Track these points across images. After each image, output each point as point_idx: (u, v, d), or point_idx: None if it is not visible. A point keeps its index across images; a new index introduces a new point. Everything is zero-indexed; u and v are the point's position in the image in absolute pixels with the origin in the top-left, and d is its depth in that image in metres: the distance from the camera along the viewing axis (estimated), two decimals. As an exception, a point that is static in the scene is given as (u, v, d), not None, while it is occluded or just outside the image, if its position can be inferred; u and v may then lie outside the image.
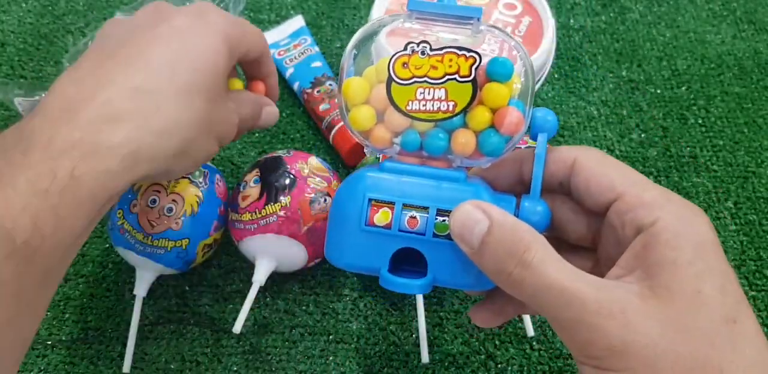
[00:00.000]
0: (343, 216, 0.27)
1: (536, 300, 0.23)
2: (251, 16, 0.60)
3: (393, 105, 0.27)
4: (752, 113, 0.54)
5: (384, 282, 0.26)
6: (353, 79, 0.28)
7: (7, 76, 0.55)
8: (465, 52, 0.26)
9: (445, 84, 0.27)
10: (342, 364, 0.41)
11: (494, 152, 0.27)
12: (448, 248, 0.26)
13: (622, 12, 0.61)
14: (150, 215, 0.39)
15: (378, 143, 0.28)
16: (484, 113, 0.27)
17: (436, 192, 0.27)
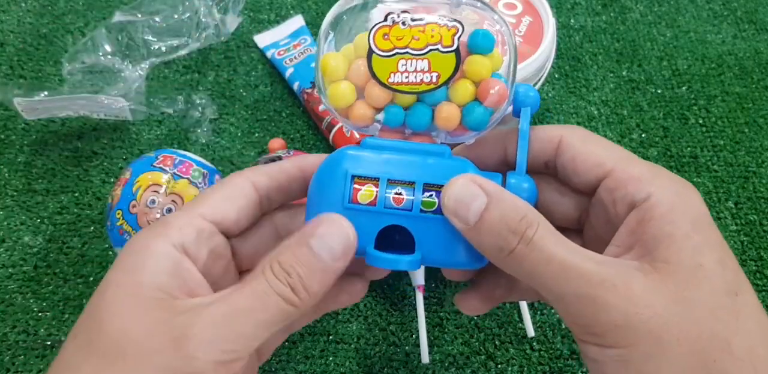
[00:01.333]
0: (324, 196, 0.25)
1: (536, 276, 0.22)
2: (251, 15, 0.60)
3: (374, 78, 0.26)
4: (753, 112, 0.54)
5: (370, 258, 0.25)
6: (330, 55, 0.27)
7: (7, 76, 0.55)
8: (447, 21, 0.25)
9: (428, 55, 0.26)
10: (342, 364, 0.41)
11: (479, 126, 0.26)
12: (436, 225, 0.25)
13: (622, 12, 0.61)
14: (149, 216, 0.39)
15: (359, 120, 0.27)
16: (467, 86, 0.26)
17: (421, 167, 0.25)
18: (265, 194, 0.27)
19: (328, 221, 0.24)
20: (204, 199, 0.26)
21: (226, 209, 0.26)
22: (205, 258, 0.25)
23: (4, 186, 0.49)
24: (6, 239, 0.46)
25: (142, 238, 0.24)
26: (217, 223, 0.25)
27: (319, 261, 0.23)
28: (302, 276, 0.23)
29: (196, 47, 0.56)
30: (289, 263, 0.23)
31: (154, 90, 0.54)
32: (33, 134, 0.52)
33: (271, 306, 0.23)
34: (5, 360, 0.41)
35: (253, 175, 0.27)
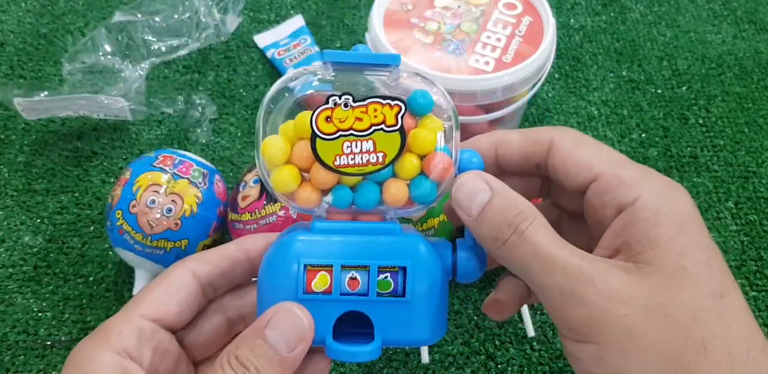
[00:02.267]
0: (276, 286, 0.25)
1: (524, 267, 0.23)
2: (251, 15, 0.60)
3: (320, 162, 0.25)
4: (753, 112, 0.54)
5: (330, 352, 0.25)
6: (271, 139, 0.26)
7: (7, 76, 0.55)
8: (389, 100, 0.25)
9: (372, 135, 0.25)
10: (342, 364, 0.41)
11: (426, 200, 0.26)
12: (394, 307, 0.25)
13: (622, 12, 0.61)
14: (149, 216, 0.39)
15: (305, 203, 0.26)
16: (412, 161, 0.26)
17: (374, 248, 0.25)
18: (207, 281, 0.27)
19: (283, 310, 0.24)
20: (143, 297, 0.26)
21: (166, 304, 0.26)
22: (150, 358, 0.25)
23: (4, 186, 0.49)
24: (6, 239, 0.46)
25: (84, 349, 0.24)
26: (158, 320, 0.26)
27: (275, 353, 0.24)
28: (259, 369, 0.23)
29: (196, 47, 0.56)
30: (246, 357, 0.24)
31: (154, 90, 0.54)
32: (33, 134, 0.52)
33: None
34: (5, 359, 0.41)
35: (193, 264, 0.27)
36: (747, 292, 0.44)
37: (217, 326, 0.28)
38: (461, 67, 0.41)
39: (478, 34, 0.43)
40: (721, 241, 0.47)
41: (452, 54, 0.42)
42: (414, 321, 0.25)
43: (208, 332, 0.28)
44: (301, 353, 0.24)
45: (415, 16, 0.44)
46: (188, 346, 0.28)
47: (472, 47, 0.43)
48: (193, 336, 0.28)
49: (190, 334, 0.28)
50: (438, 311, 0.26)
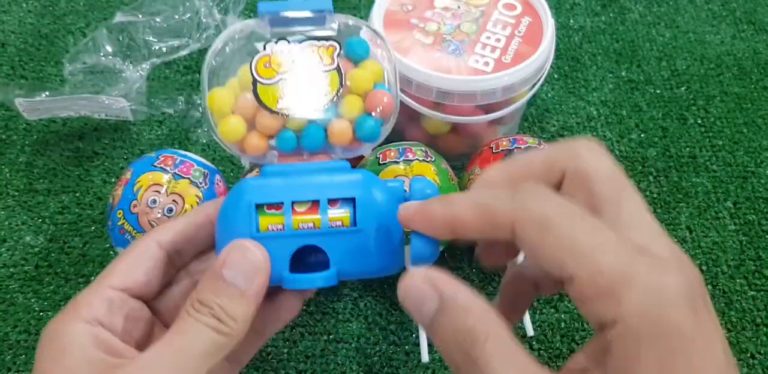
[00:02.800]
0: (230, 229, 0.26)
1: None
2: (251, 16, 0.60)
3: (263, 106, 0.26)
4: (751, 113, 0.54)
5: (288, 283, 0.25)
6: (216, 90, 0.27)
7: (8, 76, 0.55)
8: (324, 41, 0.26)
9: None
10: (342, 364, 0.41)
11: (372, 137, 0.27)
12: (347, 238, 0.25)
13: (621, 12, 0.61)
14: (150, 216, 0.39)
15: (254, 151, 0.27)
16: (354, 100, 0.27)
17: (323, 185, 0.26)
18: (173, 249, 0.28)
19: (236, 248, 0.25)
20: (110, 270, 0.27)
21: (134, 274, 0.27)
22: (122, 325, 0.26)
23: (6, 186, 0.49)
24: (7, 239, 0.46)
25: (55, 322, 0.25)
26: (126, 289, 0.26)
27: (235, 288, 0.24)
28: (223, 306, 0.24)
29: (196, 48, 0.56)
30: (208, 298, 0.24)
31: (154, 90, 0.54)
32: (34, 134, 0.52)
33: (203, 338, 0.23)
34: (6, 359, 0.41)
35: (157, 234, 0.28)
36: (746, 291, 0.45)
37: (185, 290, 0.29)
38: (461, 67, 0.42)
39: (478, 34, 0.44)
40: (720, 241, 0.47)
41: (452, 54, 0.42)
42: (367, 250, 0.25)
43: (177, 297, 0.29)
44: (260, 285, 0.25)
45: (414, 16, 0.44)
46: (161, 312, 0.28)
47: (472, 48, 0.43)
48: (164, 303, 0.28)
49: (161, 301, 0.28)
50: (391, 241, 0.26)
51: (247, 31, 0.28)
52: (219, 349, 0.24)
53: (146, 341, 0.27)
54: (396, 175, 0.39)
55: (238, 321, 0.24)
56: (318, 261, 0.26)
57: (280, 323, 0.30)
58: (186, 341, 0.24)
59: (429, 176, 0.40)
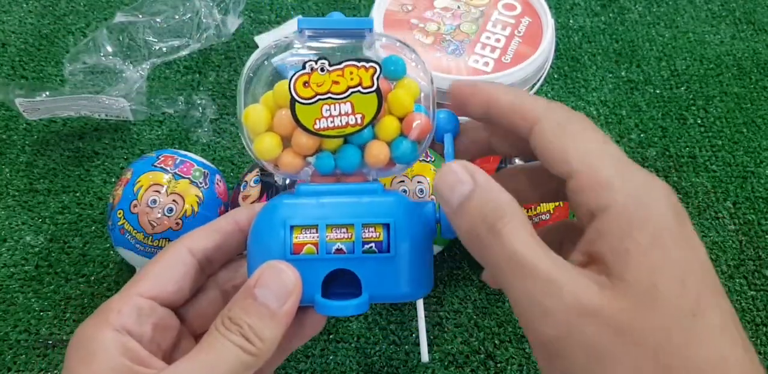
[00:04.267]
0: (264, 249, 0.26)
1: (496, 269, 0.22)
2: (251, 16, 0.60)
3: (300, 126, 0.26)
4: (751, 113, 0.54)
5: (320, 308, 0.25)
6: (252, 107, 0.27)
7: (8, 76, 0.55)
8: (364, 63, 0.26)
9: (350, 97, 0.26)
10: (342, 363, 0.41)
11: (407, 159, 0.27)
12: (379, 263, 0.25)
13: (621, 12, 0.61)
14: (150, 216, 0.39)
15: (289, 168, 0.27)
16: (392, 122, 0.27)
17: (357, 208, 0.26)
18: (203, 256, 0.28)
19: (270, 268, 0.25)
20: (141, 276, 0.27)
21: (164, 282, 0.27)
22: (150, 334, 0.26)
23: (6, 186, 0.49)
24: (8, 239, 0.46)
25: (85, 328, 0.25)
26: (156, 298, 0.26)
27: (266, 309, 0.24)
28: (252, 326, 0.24)
29: (197, 48, 0.56)
30: (238, 316, 0.24)
31: (155, 90, 0.54)
32: (34, 134, 0.52)
33: (230, 358, 0.24)
34: (7, 359, 0.41)
35: (188, 241, 0.28)
36: (746, 291, 0.45)
37: (214, 301, 0.29)
38: (461, 67, 0.42)
39: (478, 34, 0.44)
40: (719, 241, 0.47)
41: (452, 54, 0.42)
42: (399, 276, 0.26)
43: (205, 307, 0.28)
44: (291, 307, 0.25)
45: (414, 16, 0.44)
46: (188, 321, 0.28)
47: (472, 48, 0.43)
48: (192, 311, 0.28)
49: (189, 309, 0.28)
50: (423, 266, 0.26)
51: (283, 46, 0.28)
52: (245, 368, 0.24)
53: (173, 350, 0.27)
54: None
55: (265, 341, 0.24)
56: (346, 280, 0.26)
57: (304, 339, 0.29)
58: (212, 358, 0.24)
59: (428, 175, 0.40)
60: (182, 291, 0.27)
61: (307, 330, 0.29)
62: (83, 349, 0.24)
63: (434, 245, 0.41)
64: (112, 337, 0.24)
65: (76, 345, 0.25)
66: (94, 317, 0.25)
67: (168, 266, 0.27)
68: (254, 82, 0.27)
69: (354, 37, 0.28)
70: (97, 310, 0.26)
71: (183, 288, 0.27)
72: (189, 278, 0.27)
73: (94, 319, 0.25)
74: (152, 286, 0.26)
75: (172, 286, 0.27)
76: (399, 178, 0.39)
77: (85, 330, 0.25)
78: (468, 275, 0.45)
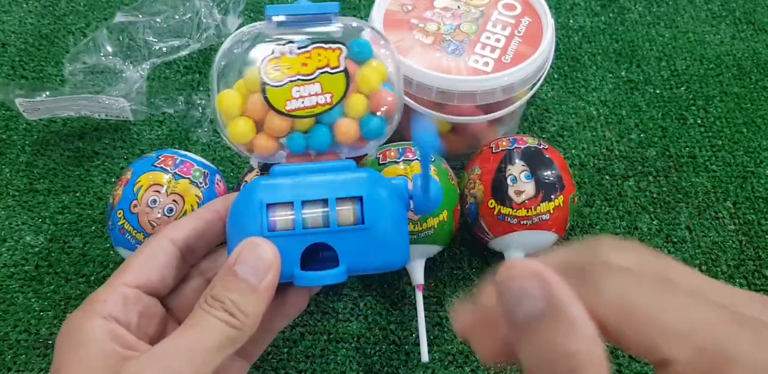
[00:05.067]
0: (242, 228, 0.26)
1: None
2: (251, 16, 0.60)
3: (272, 108, 0.27)
4: (751, 113, 0.54)
5: (299, 280, 0.26)
6: (225, 93, 0.27)
7: (8, 76, 0.55)
8: (331, 44, 0.27)
9: (319, 78, 0.27)
10: (342, 363, 0.41)
11: (377, 135, 0.28)
12: (355, 235, 0.26)
13: (621, 12, 0.61)
14: (150, 216, 0.39)
15: (263, 151, 0.28)
16: (360, 99, 0.27)
17: (331, 184, 0.27)
18: (185, 245, 0.29)
19: (248, 245, 0.25)
20: (125, 267, 0.27)
21: (148, 271, 0.27)
22: (137, 321, 0.26)
23: (6, 186, 0.49)
24: (8, 239, 0.46)
25: (73, 318, 0.26)
26: (141, 286, 0.27)
27: (246, 284, 0.25)
28: (234, 301, 0.25)
29: (196, 48, 0.56)
30: (220, 293, 0.25)
31: (155, 90, 0.54)
32: (34, 134, 0.52)
33: (215, 332, 0.24)
34: (7, 358, 0.41)
35: (169, 231, 0.28)
36: (745, 291, 0.45)
37: (196, 288, 0.29)
38: (461, 67, 0.42)
39: (478, 34, 0.44)
40: (719, 241, 0.47)
41: (452, 54, 0.42)
42: (375, 246, 0.26)
43: (189, 294, 0.29)
44: (271, 281, 0.25)
45: (414, 16, 0.44)
46: (174, 309, 0.29)
47: (472, 48, 0.43)
48: (177, 300, 0.29)
49: (174, 298, 0.29)
50: (398, 237, 0.27)
51: (254, 34, 0.29)
52: (230, 343, 0.25)
53: (159, 337, 0.28)
54: (396, 174, 0.39)
55: (249, 315, 0.25)
56: (326, 257, 0.27)
57: (287, 318, 0.30)
58: (198, 334, 0.24)
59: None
60: (166, 280, 0.28)
61: (289, 309, 0.30)
62: (72, 337, 0.25)
63: (434, 245, 0.41)
64: (100, 324, 0.25)
65: (65, 335, 0.25)
66: (81, 308, 0.26)
67: (151, 257, 0.28)
68: (227, 70, 0.28)
69: (321, 21, 0.29)
70: (84, 302, 0.26)
71: (166, 277, 0.28)
72: (172, 267, 0.28)
73: (81, 310, 0.26)
74: (136, 276, 0.27)
75: (155, 275, 0.27)
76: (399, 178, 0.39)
77: (72, 320, 0.26)
78: (468, 276, 0.45)
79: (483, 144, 0.44)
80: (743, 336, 0.16)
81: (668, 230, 0.47)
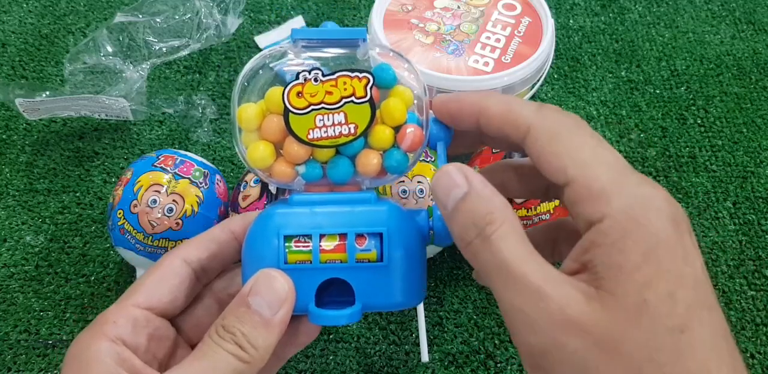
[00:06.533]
0: (258, 258, 0.26)
1: (485, 274, 0.22)
2: (251, 16, 0.60)
3: (294, 136, 0.26)
4: (751, 113, 0.54)
5: (313, 317, 0.26)
6: (246, 105, 0.27)
7: (8, 76, 0.55)
8: (357, 73, 0.26)
9: (343, 107, 0.26)
10: (342, 363, 0.41)
11: (400, 169, 0.27)
12: (373, 273, 0.26)
13: (621, 12, 0.61)
14: (150, 216, 0.39)
15: (282, 177, 0.27)
16: (385, 132, 0.27)
17: (350, 217, 0.26)
18: (199, 266, 0.28)
19: (263, 277, 0.25)
20: (136, 287, 0.27)
21: (159, 292, 0.27)
22: (146, 344, 0.26)
23: (6, 186, 0.49)
24: (8, 239, 0.46)
25: (81, 339, 0.25)
26: (151, 308, 0.27)
27: (259, 317, 0.24)
28: (246, 334, 0.24)
29: (197, 48, 0.56)
30: (232, 324, 0.24)
31: (155, 90, 0.54)
32: (34, 134, 0.52)
33: (223, 365, 0.24)
34: (7, 358, 0.41)
35: (183, 251, 0.28)
36: (746, 291, 0.45)
37: (208, 309, 0.29)
38: (461, 67, 0.42)
39: (478, 34, 0.44)
40: (719, 241, 0.47)
41: (452, 55, 0.42)
42: (392, 285, 0.26)
43: (201, 316, 0.29)
44: (284, 315, 0.25)
45: (414, 16, 0.44)
46: (184, 330, 0.28)
47: (472, 48, 0.43)
48: (188, 321, 0.29)
49: (185, 318, 0.29)
50: (416, 275, 0.26)
51: (277, 55, 0.28)
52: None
53: (169, 360, 0.27)
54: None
55: (259, 349, 0.24)
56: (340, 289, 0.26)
57: (299, 346, 0.30)
58: (206, 366, 0.24)
59: (429, 175, 0.40)
60: (177, 301, 0.27)
61: (301, 338, 0.29)
62: (79, 359, 0.25)
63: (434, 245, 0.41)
64: (108, 347, 0.25)
65: (73, 356, 0.25)
66: (90, 328, 0.26)
67: (163, 277, 0.27)
68: (248, 90, 0.28)
69: (348, 47, 0.28)
70: (93, 321, 0.26)
71: (178, 298, 0.27)
72: (184, 288, 0.27)
73: (90, 330, 0.25)
74: (147, 297, 0.26)
75: (167, 296, 0.27)
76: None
77: (81, 341, 0.25)
78: (468, 275, 0.45)
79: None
80: (633, 178, 0.21)
81: (668, 230, 0.47)
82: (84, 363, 0.24)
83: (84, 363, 0.24)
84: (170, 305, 0.27)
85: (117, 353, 0.25)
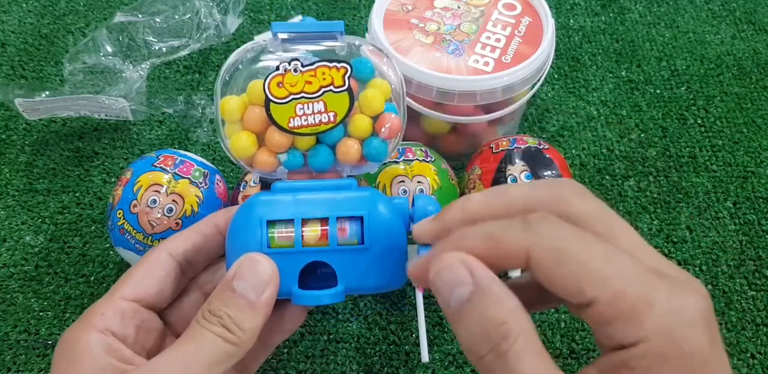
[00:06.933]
0: (242, 244, 0.26)
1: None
2: (251, 16, 0.60)
3: (275, 125, 0.27)
4: (751, 113, 0.54)
5: (296, 298, 0.26)
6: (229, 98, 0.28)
7: (8, 76, 0.55)
8: (336, 63, 0.27)
9: (323, 96, 0.27)
10: (342, 364, 0.41)
11: (379, 157, 0.28)
12: (354, 255, 0.26)
13: (621, 12, 0.61)
14: (150, 216, 0.39)
15: (263, 167, 0.28)
16: (364, 121, 0.28)
17: (332, 202, 0.27)
18: (184, 259, 0.29)
19: (246, 260, 0.26)
20: (123, 281, 0.27)
21: (146, 285, 0.27)
22: (134, 335, 0.26)
23: (6, 186, 0.49)
24: (7, 239, 0.46)
25: (70, 331, 0.26)
26: (138, 300, 0.27)
27: (244, 300, 0.25)
28: (232, 316, 0.25)
29: (196, 48, 0.56)
30: (218, 308, 0.25)
31: (154, 90, 0.54)
32: (34, 134, 0.52)
33: (212, 347, 0.24)
34: (6, 358, 0.41)
35: (168, 245, 0.28)
36: (746, 291, 0.45)
37: (195, 302, 0.30)
38: (461, 67, 0.42)
39: (478, 34, 0.44)
40: (719, 241, 0.47)
41: (452, 54, 0.42)
42: (374, 267, 0.27)
43: (187, 308, 0.29)
44: (269, 297, 0.25)
45: (414, 16, 0.44)
46: (172, 323, 0.29)
47: (472, 48, 0.43)
48: (175, 313, 0.29)
49: (173, 311, 0.29)
50: (397, 257, 0.27)
51: (258, 49, 0.29)
52: (227, 358, 0.25)
53: (157, 351, 0.27)
54: (396, 175, 0.40)
55: (246, 330, 0.25)
56: (324, 273, 0.27)
57: (285, 333, 0.30)
58: (194, 349, 0.24)
59: (429, 176, 0.40)
60: (164, 293, 0.28)
61: (287, 324, 0.30)
62: (70, 351, 0.25)
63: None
64: (97, 338, 0.25)
65: (63, 349, 0.25)
66: (78, 322, 0.26)
67: (149, 270, 0.28)
68: (231, 84, 0.29)
69: (326, 40, 0.29)
70: (82, 315, 0.26)
71: (164, 290, 0.28)
72: (170, 280, 0.28)
73: (78, 324, 0.26)
74: (134, 289, 0.27)
75: (153, 288, 0.27)
76: (399, 178, 0.39)
77: (70, 334, 0.26)
78: (468, 276, 0.45)
79: (483, 144, 0.44)
80: (660, 286, 0.19)
81: (668, 230, 0.47)
82: (75, 353, 0.25)
83: (75, 354, 0.25)
84: (157, 297, 0.28)
85: (107, 343, 0.25)
